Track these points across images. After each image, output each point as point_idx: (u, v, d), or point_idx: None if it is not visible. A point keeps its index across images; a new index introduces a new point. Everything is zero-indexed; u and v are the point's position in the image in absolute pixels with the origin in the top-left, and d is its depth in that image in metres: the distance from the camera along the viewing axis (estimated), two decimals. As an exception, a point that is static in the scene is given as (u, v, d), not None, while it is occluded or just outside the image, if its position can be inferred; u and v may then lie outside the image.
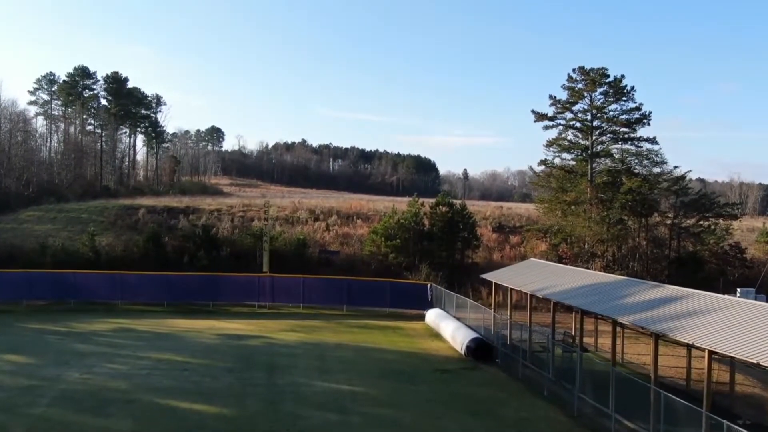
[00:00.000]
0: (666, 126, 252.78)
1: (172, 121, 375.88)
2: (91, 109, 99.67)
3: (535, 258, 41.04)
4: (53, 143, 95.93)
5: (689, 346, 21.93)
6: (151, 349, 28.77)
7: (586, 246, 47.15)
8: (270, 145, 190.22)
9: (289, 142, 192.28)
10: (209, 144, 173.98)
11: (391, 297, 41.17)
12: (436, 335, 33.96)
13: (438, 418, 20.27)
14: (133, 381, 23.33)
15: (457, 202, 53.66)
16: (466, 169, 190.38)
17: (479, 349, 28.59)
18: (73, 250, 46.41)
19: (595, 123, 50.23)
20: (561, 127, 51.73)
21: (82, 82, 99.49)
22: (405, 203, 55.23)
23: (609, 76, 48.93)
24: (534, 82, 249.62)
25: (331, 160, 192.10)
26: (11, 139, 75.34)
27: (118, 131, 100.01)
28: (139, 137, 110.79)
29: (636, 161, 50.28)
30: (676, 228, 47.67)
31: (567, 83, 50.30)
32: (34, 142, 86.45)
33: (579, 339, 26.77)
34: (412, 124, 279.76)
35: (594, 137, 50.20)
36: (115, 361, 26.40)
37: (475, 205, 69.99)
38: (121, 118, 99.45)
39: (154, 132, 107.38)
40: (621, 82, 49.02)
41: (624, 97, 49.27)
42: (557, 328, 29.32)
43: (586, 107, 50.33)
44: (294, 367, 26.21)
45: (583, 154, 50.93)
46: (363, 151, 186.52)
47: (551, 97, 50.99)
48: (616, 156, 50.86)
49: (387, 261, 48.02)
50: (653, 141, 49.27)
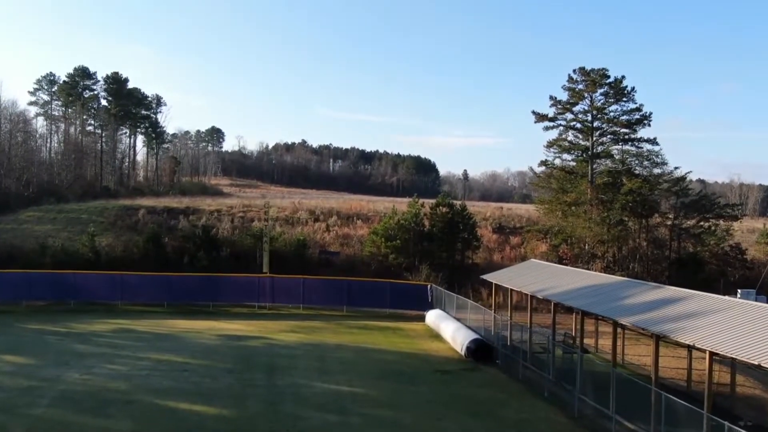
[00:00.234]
0: (666, 127, 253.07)
1: (172, 121, 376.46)
2: (91, 110, 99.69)
3: (535, 259, 41.03)
4: (53, 144, 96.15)
5: (690, 348, 21.90)
6: (151, 350, 28.76)
7: (587, 247, 47.14)
8: (270, 146, 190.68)
9: (289, 143, 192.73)
10: (209, 144, 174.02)
11: (391, 298, 41.13)
12: (437, 336, 33.93)
13: (438, 419, 20.26)
14: (132, 382, 23.31)
15: (458, 203, 53.65)
16: (466, 170, 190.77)
17: (479, 350, 28.55)
18: (73, 250, 46.39)
19: (595, 124, 50.17)
20: (561, 127, 51.75)
21: (82, 83, 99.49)
22: (405, 204, 55.18)
23: (609, 77, 48.91)
24: (534, 82, 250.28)
25: (331, 160, 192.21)
26: (11, 139, 75.39)
27: (118, 132, 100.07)
28: (140, 138, 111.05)
29: (636, 162, 50.26)
30: (677, 229, 47.65)
31: (567, 84, 50.30)
32: (34, 142, 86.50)
33: (579, 340, 26.73)
34: (412, 125, 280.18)
35: (594, 138, 50.15)
36: (114, 362, 26.38)
37: (476, 206, 69.99)
38: (121, 119, 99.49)
39: (154, 132, 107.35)
40: (621, 82, 48.99)
41: (624, 98, 49.24)
42: (558, 329, 29.32)
43: (586, 108, 50.30)
44: (294, 367, 26.19)
45: (584, 155, 50.88)
46: (363, 151, 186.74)
47: (551, 98, 51.02)
48: (617, 157, 50.83)
49: (387, 262, 47.99)
50: (654, 142, 49.33)
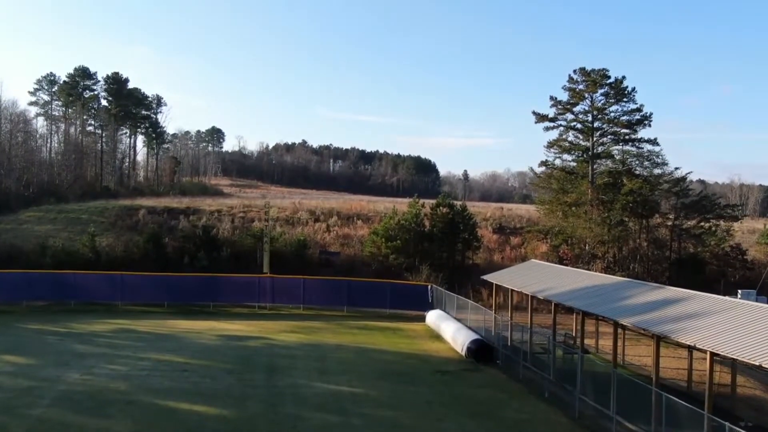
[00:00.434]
0: (666, 127, 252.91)
1: (172, 121, 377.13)
2: (91, 110, 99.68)
3: (535, 259, 41.03)
4: (53, 144, 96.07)
5: (690, 348, 21.88)
6: (151, 350, 28.73)
7: (587, 247, 47.13)
8: (270, 146, 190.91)
9: (290, 143, 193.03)
10: (209, 145, 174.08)
11: (391, 298, 41.08)
12: (437, 336, 33.90)
13: (438, 419, 20.23)
14: (133, 382, 23.28)
15: (458, 203, 53.63)
16: (466, 170, 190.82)
17: (480, 350, 28.51)
18: (73, 250, 46.35)
19: (595, 124, 50.17)
20: (562, 128, 51.78)
21: (82, 83, 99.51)
22: (405, 204, 55.17)
23: (610, 78, 48.93)
24: (534, 82, 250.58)
25: (331, 161, 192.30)
26: (11, 139, 75.43)
27: (118, 132, 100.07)
28: (140, 138, 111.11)
29: (637, 162, 50.29)
30: (677, 229, 47.64)
31: (568, 84, 50.33)
32: (34, 142, 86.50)
33: (580, 340, 26.72)
34: (412, 125, 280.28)
35: (595, 138, 50.15)
36: (115, 362, 26.35)
37: (476, 206, 69.97)
38: (122, 119, 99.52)
39: (155, 133, 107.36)
40: (622, 83, 49.01)
41: (625, 99, 49.23)
42: (558, 329, 29.31)
43: (587, 108, 50.31)
44: (294, 368, 26.16)
45: (584, 156, 50.88)
46: (363, 152, 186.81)
47: (552, 98, 51.04)
48: (617, 157, 50.83)
49: (387, 262, 47.96)
50: (654, 142, 49.34)
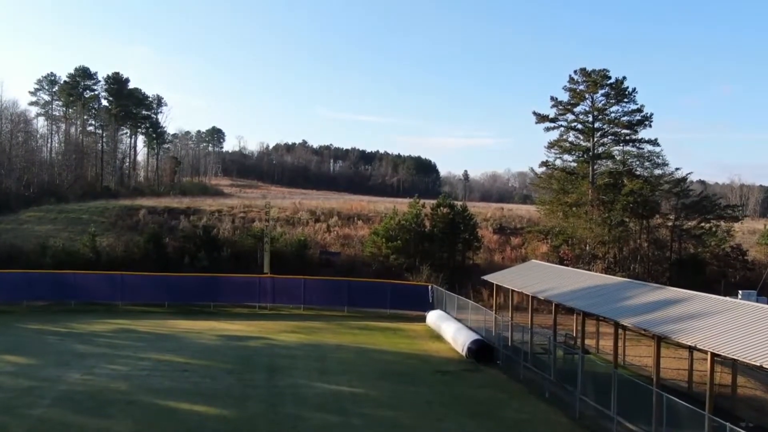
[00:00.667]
0: (666, 127, 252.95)
1: (172, 121, 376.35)
2: (91, 110, 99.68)
3: (536, 260, 41.02)
4: (54, 144, 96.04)
5: (691, 349, 21.85)
6: (152, 350, 28.73)
7: (588, 248, 47.10)
8: (270, 146, 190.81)
9: (290, 143, 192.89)
10: (210, 145, 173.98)
11: (391, 298, 41.07)
12: (437, 337, 33.89)
13: (439, 419, 20.23)
14: (133, 382, 23.28)
15: (458, 204, 53.62)
16: (466, 171, 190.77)
17: (480, 350, 28.50)
18: (74, 250, 46.35)
19: (596, 125, 50.12)
20: (562, 128, 51.67)
21: (83, 83, 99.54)
22: (406, 204, 55.18)
23: (610, 78, 48.84)
24: (534, 83, 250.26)
25: (331, 161, 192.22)
26: (12, 139, 75.43)
27: (118, 132, 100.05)
28: (140, 138, 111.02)
29: (637, 163, 50.23)
30: (678, 230, 47.62)
31: (568, 85, 50.25)
32: (34, 142, 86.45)
33: (580, 341, 26.72)
34: (412, 125, 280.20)
35: (595, 139, 50.11)
36: (115, 362, 26.35)
37: (476, 207, 69.98)
38: (122, 119, 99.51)
39: (155, 133, 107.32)
40: (622, 83, 48.93)
41: (625, 99, 49.15)
42: (558, 329, 29.31)
43: (587, 109, 50.24)
44: (294, 368, 26.16)
45: (585, 156, 50.83)
46: (363, 152, 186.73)
47: (552, 99, 50.99)
48: (618, 158, 50.78)
49: (388, 262, 47.95)
50: (654, 143, 49.26)
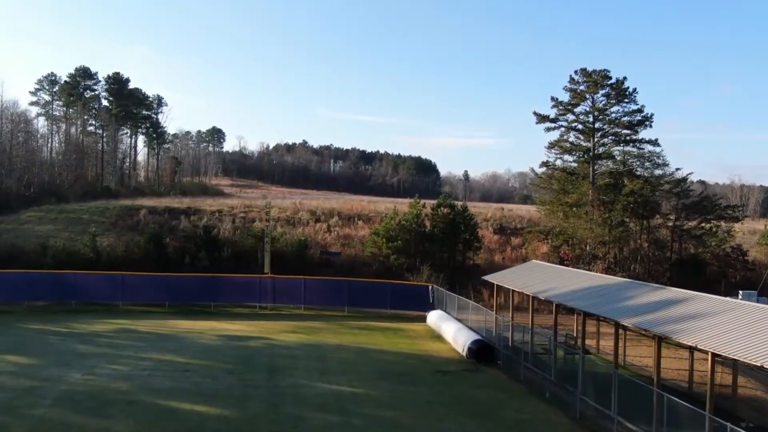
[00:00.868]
0: (666, 127, 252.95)
1: (173, 121, 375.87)
2: (92, 110, 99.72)
3: (536, 260, 41.02)
4: (54, 144, 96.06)
5: (692, 349, 21.86)
6: (152, 350, 28.75)
7: (588, 248, 47.10)
8: (271, 146, 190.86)
9: (290, 143, 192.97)
10: (210, 145, 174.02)
11: (392, 298, 41.08)
12: (437, 337, 33.90)
13: (439, 419, 20.24)
14: (134, 382, 23.30)
15: (459, 204, 53.62)
16: (466, 171, 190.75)
17: (481, 350, 28.51)
18: (74, 250, 46.37)
19: (597, 125, 50.10)
20: (563, 128, 51.64)
21: (83, 83, 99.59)
22: (406, 204, 55.20)
23: (611, 78, 48.82)
24: (534, 83, 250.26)
25: (331, 161, 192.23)
26: (12, 139, 75.48)
27: (119, 132, 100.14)
28: (140, 138, 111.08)
29: (638, 163, 50.22)
30: (678, 230, 47.63)
31: (569, 85, 50.23)
32: (35, 142, 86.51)
33: (581, 341, 26.73)
34: (412, 125, 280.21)
35: (596, 139, 50.09)
36: (116, 362, 26.36)
37: (476, 207, 70.00)
38: (122, 119, 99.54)
39: (155, 133, 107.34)
40: (623, 84, 48.91)
41: (626, 99, 49.14)
42: (559, 330, 29.33)
43: (588, 109, 50.22)
44: (295, 368, 26.17)
45: (585, 156, 50.82)
46: (363, 152, 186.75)
47: (553, 99, 50.98)
48: (618, 158, 50.77)
49: (388, 262, 47.95)
50: (655, 143, 49.26)
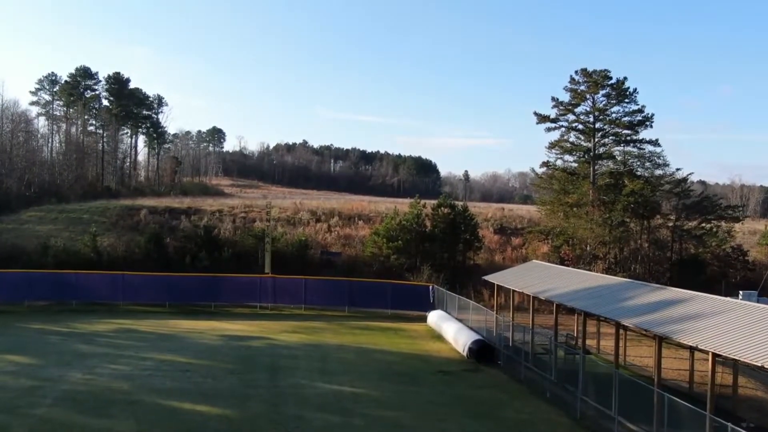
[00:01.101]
0: (666, 127, 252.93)
1: (173, 121, 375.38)
2: (92, 110, 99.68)
3: (536, 260, 41.02)
4: (55, 144, 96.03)
5: (692, 349, 21.87)
6: (153, 350, 28.76)
7: (588, 248, 47.13)
8: (271, 146, 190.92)
9: (290, 143, 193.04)
10: (210, 145, 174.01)
11: (392, 298, 41.11)
12: (438, 337, 33.92)
13: (440, 419, 20.25)
14: (135, 382, 23.32)
15: (459, 204, 53.64)
16: (467, 171, 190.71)
17: (481, 350, 28.53)
18: (75, 250, 46.37)
19: (597, 125, 50.13)
20: (563, 129, 51.69)
21: (83, 83, 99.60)
22: (406, 204, 55.22)
23: (611, 78, 48.84)
24: (534, 83, 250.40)
25: (332, 161, 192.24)
26: (13, 139, 75.45)
27: (119, 132, 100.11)
28: (141, 138, 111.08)
29: (638, 163, 50.28)
30: (678, 230, 47.66)
31: (569, 85, 50.28)
32: (35, 142, 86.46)
33: (581, 341, 26.75)
34: (412, 126, 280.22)
35: (596, 139, 50.11)
36: (117, 362, 26.39)
37: (477, 207, 70.06)
38: (123, 119, 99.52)
39: (156, 133, 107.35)
40: (623, 84, 48.93)
41: (626, 99, 49.17)
42: (559, 330, 29.34)
43: (588, 109, 50.23)
44: (296, 368, 26.20)
45: (586, 156, 50.84)
46: (364, 152, 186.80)
47: (553, 99, 51.01)
48: (619, 158, 50.82)
49: (388, 262, 47.97)
50: (655, 143, 49.31)
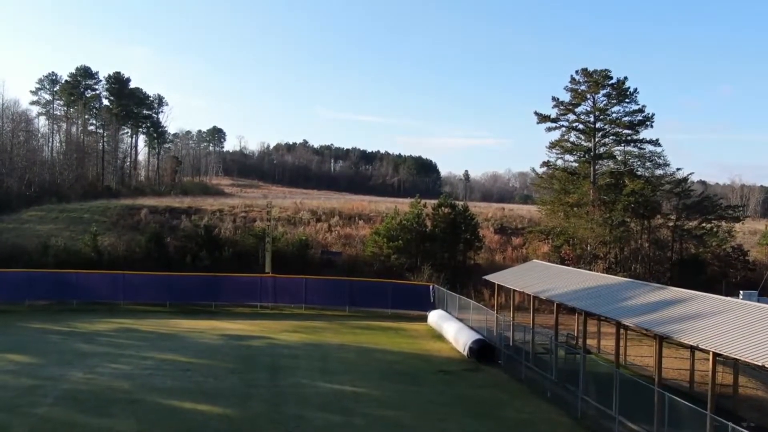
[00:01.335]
0: (666, 127, 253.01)
1: (173, 121, 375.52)
2: (93, 109, 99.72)
3: (537, 260, 41.03)
4: (55, 143, 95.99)
5: (693, 348, 21.90)
6: (154, 350, 28.77)
7: (589, 248, 47.13)
8: (271, 146, 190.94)
9: (291, 143, 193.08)
10: (210, 144, 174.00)
11: (393, 298, 41.12)
12: (439, 336, 33.93)
13: (440, 419, 20.26)
14: (136, 381, 23.33)
15: (459, 204, 53.64)
16: (467, 171, 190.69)
17: (482, 350, 28.55)
18: (75, 250, 46.40)
19: (597, 125, 50.14)
20: (564, 128, 51.71)
21: (84, 82, 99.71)
22: (407, 204, 55.26)
23: (612, 78, 48.85)
24: (534, 83, 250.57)
25: (332, 161, 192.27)
26: (13, 139, 75.46)
27: (119, 131, 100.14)
28: (141, 137, 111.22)
29: (638, 163, 50.27)
30: (679, 230, 47.65)
31: (570, 85, 50.29)
32: (36, 142, 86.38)
33: (582, 341, 26.76)
34: (412, 126, 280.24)
35: (597, 139, 50.13)
36: (118, 361, 26.40)
37: (477, 207, 70.07)
38: (123, 119, 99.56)
39: (156, 132, 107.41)
40: (624, 83, 48.94)
41: (627, 99, 49.18)
42: (560, 329, 29.35)
43: (588, 109, 50.24)
44: (296, 368, 26.21)
45: (586, 156, 50.84)
46: (364, 152, 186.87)
47: (554, 99, 51.01)
48: (619, 158, 50.82)
49: (389, 262, 47.99)
50: (656, 143, 49.32)
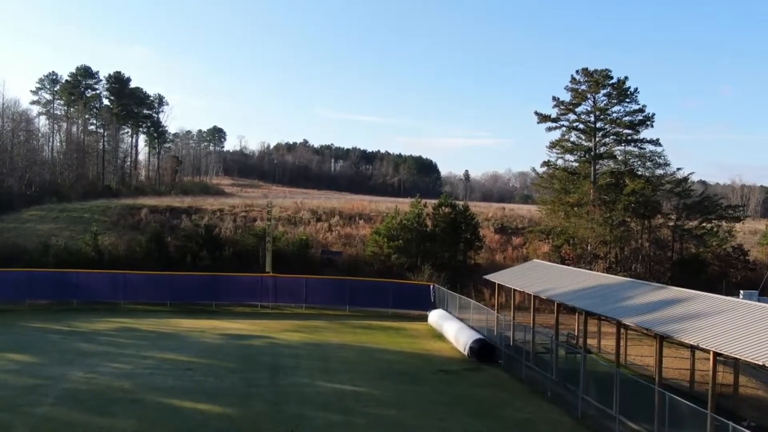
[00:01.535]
0: (666, 127, 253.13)
1: (173, 121, 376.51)
2: (93, 109, 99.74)
3: (537, 259, 41.04)
4: (56, 143, 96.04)
5: (693, 348, 21.92)
6: (155, 349, 28.79)
7: (589, 247, 47.13)
8: (271, 146, 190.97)
9: (291, 143, 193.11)
10: (211, 144, 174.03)
11: (393, 298, 41.15)
12: (439, 336, 33.95)
13: (441, 419, 20.27)
14: (136, 380, 23.35)
15: (460, 203, 53.65)
16: (467, 171, 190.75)
17: (482, 350, 28.57)
18: (76, 249, 46.43)
19: (598, 124, 50.11)
20: (564, 128, 51.65)
21: (84, 82, 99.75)
22: (407, 204, 55.28)
23: (612, 78, 48.80)
24: (535, 83, 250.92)
25: (332, 160, 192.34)
26: (14, 138, 75.49)
27: (120, 131, 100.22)
28: (141, 137, 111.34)
29: (639, 163, 50.22)
30: (679, 230, 47.66)
31: (570, 85, 50.24)
32: (36, 141, 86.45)
33: (582, 340, 26.77)
34: (413, 125, 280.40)
35: (597, 139, 50.11)
36: (118, 361, 26.42)
37: (477, 207, 70.05)
38: (123, 118, 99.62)
39: (156, 132, 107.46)
40: (624, 83, 48.88)
41: (627, 99, 49.12)
42: (560, 329, 29.37)
43: (589, 109, 50.21)
44: (297, 367, 26.24)
45: (586, 156, 50.81)
46: (364, 151, 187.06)
47: (554, 99, 50.97)
48: (619, 158, 50.78)
49: (389, 262, 48.01)
50: (656, 143, 49.25)
